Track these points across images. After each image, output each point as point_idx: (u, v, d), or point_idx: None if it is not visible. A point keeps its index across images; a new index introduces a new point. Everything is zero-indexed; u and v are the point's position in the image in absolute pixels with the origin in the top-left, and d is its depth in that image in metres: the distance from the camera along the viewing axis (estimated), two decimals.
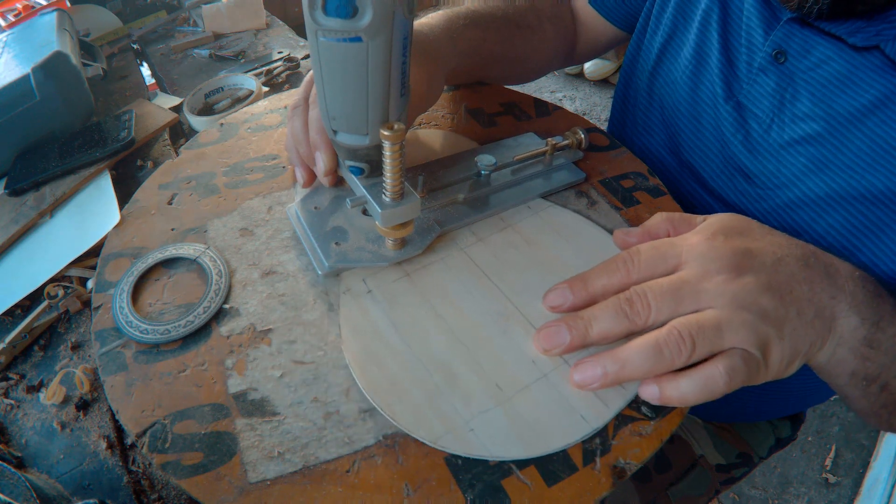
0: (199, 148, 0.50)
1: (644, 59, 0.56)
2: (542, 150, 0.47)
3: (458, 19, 0.51)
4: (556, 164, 0.47)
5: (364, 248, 0.39)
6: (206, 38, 0.98)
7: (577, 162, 0.48)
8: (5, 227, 0.54)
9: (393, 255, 0.39)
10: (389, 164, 0.33)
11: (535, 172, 0.46)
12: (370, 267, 0.39)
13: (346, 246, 0.39)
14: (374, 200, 0.36)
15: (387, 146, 0.32)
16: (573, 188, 0.47)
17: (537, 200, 0.45)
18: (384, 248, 0.39)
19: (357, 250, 0.39)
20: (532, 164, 0.47)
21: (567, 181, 0.46)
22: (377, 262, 0.38)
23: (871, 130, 0.39)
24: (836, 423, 1.24)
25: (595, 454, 0.31)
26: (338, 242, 0.39)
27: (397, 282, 0.38)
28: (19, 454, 0.40)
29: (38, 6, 0.95)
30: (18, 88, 0.60)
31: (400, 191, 0.35)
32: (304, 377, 0.33)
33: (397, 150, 0.32)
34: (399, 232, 0.37)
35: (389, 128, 0.31)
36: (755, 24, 0.45)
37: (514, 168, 0.46)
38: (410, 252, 0.39)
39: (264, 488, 0.29)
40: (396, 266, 0.39)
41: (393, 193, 0.35)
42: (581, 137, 0.47)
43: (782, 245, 0.33)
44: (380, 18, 0.28)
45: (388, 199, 0.35)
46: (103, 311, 0.37)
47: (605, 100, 2.18)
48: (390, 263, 0.39)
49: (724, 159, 0.49)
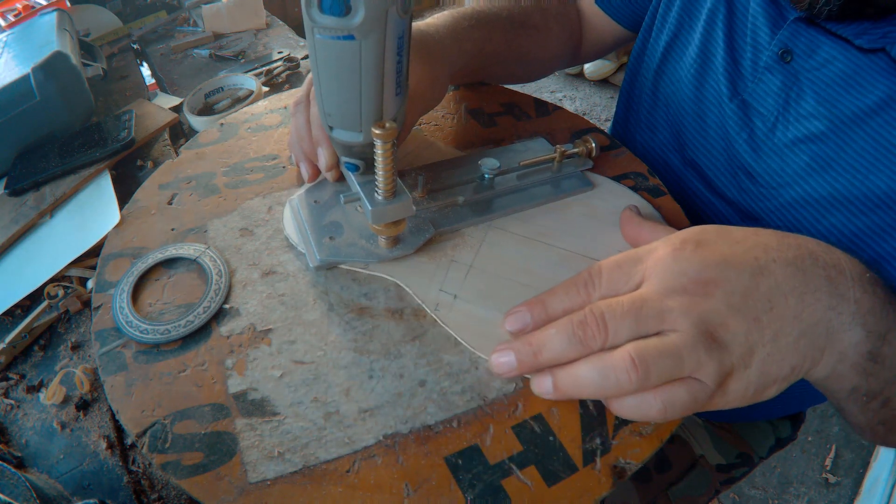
0: (199, 148, 0.50)
1: (649, 57, 0.56)
2: (550, 157, 0.46)
3: (464, 20, 0.51)
4: (565, 171, 0.46)
5: (357, 244, 0.39)
6: (206, 38, 0.98)
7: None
8: (5, 227, 0.54)
9: (385, 253, 0.39)
10: (381, 162, 0.33)
11: (542, 179, 0.45)
12: (422, 276, 0.39)
13: (340, 241, 0.39)
14: (366, 198, 0.36)
15: (378, 144, 0.32)
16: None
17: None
18: (377, 245, 0.39)
19: (349, 246, 0.39)
20: (539, 170, 0.46)
21: (574, 190, 0.45)
22: (368, 258, 0.39)
23: (874, 132, 0.39)
24: (836, 423, 1.24)
25: (595, 454, 0.31)
26: (332, 237, 0.40)
27: (468, 277, 0.39)
28: (19, 454, 0.40)
29: (38, 6, 0.95)
30: (18, 88, 0.60)
31: (392, 189, 0.35)
32: (304, 377, 0.33)
33: (389, 149, 0.33)
34: (390, 230, 0.37)
35: (381, 126, 0.31)
36: (761, 24, 0.45)
37: (519, 174, 0.46)
38: (403, 251, 0.39)
39: (264, 488, 0.29)
40: (450, 265, 0.40)
41: (385, 192, 0.35)
42: (592, 146, 0.46)
43: (769, 248, 0.29)
44: (372, 17, 0.28)
45: (381, 197, 0.35)
46: (103, 311, 0.37)
47: (605, 100, 2.18)
48: (381, 261, 0.39)
49: (729, 157, 0.49)
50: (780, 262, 0.28)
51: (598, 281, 0.30)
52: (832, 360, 0.29)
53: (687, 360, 0.26)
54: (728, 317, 0.27)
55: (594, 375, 0.27)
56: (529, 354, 0.29)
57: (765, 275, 0.28)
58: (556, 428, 0.32)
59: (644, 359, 0.26)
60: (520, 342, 0.30)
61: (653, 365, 0.26)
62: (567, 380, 0.28)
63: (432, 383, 0.34)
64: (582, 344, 0.28)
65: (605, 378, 0.27)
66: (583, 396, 0.29)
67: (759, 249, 0.29)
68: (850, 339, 0.28)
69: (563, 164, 0.46)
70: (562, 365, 0.29)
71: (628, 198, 0.45)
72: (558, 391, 0.29)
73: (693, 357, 0.26)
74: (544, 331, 0.29)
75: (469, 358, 0.35)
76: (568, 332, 0.28)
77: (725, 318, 0.27)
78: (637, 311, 0.27)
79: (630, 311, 0.27)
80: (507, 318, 0.32)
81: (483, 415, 0.32)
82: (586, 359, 0.28)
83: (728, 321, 0.27)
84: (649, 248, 0.31)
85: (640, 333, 0.27)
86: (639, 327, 0.27)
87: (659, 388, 0.27)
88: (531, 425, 0.32)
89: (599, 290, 0.30)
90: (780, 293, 0.28)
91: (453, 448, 0.31)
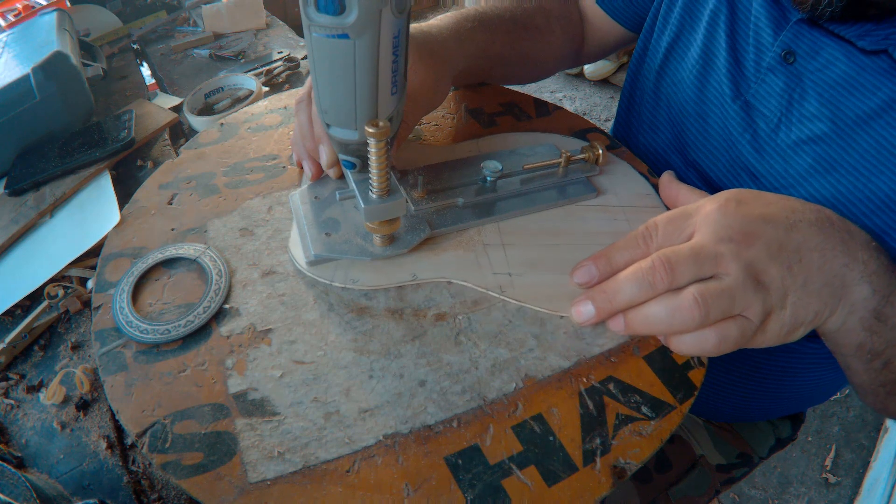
0: (199, 148, 0.50)
1: (651, 58, 0.56)
2: (555, 162, 0.45)
3: (467, 21, 0.51)
4: (570, 177, 0.46)
5: (352, 241, 0.39)
6: (206, 38, 0.98)
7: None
8: (5, 227, 0.54)
9: (379, 252, 0.39)
10: (375, 160, 0.33)
11: (547, 184, 0.45)
12: (469, 267, 0.40)
13: (336, 237, 0.39)
14: (360, 195, 0.36)
15: (372, 143, 0.32)
16: None
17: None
18: (371, 243, 0.39)
19: (344, 243, 0.39)
20: (543, 174, 0.46)
21: (577, 196, 0.45)
22: (362, 256, 0.39)
23: (877, 133, 0.39)
24: (836, 423, 1.24)
25: (595, 454, 0.31)
26: (328, 233, 0.40)
27: (507, 254, 0.41)
28: (19, 454, 0.40)
29: (38, 6, 0.95)
30: (18, 88, 0.60)
31: (386, 188, 0.35)
32: (304, 377, 0.33)
33: (382, 147, 0.33)
34: (384, 228, 0.38)
35: (374, 125, 0.32)
36: (764, 25, 0.45)
37: (524, 177, 0.45)
38: (397, 249, 0.39)
39: (264, 488, 0.29)
40: (485, 249, 0.41)
41: (379, 190, 0.35)
42: (599, 153, 0.46)
43: (796, 209, 0.34)
44: (366, 16, 0.29)
45: (375, 195, 0.36)
46: (103, 311, 0.37)
47: (605, 100, 2.18)
48: (373, 259, 0.39)
49: (731, 159, 0.49)
50: (805, 222, 0.33)
51: (655, 234, 0.34)
52: (844, 312, 0.33)
53: (739, 299, 0.30)
54: (768, 264, 0.31)
55: (663, 314, 0.31)
56: (606, 301, 0.33)
57: (795, 231, 0.32)
58: (556, 428, 0.32)
59: (705, 298, 0.30)
60: (595, 291, 0.34)
61: (712, 304, 0.30)
62: (638, 319, 0.32)
63: (432, 383, 0.34)
64: (651, 287, 0.31)
65: (672, 316, 0.31)
66: (651, 333, 0.33)
67: (788, 210, 0.33)
68: (859, 293, 0.33)
69: (568, 169, 0.46)
70: (633, 307, 0.33)
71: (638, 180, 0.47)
72: (630, 328, 0.33)
73: (744, 297, 0.30)
74: (616, 279, 0.33)
75: (469, 358, 0.35)
76: (638, 277, 0.32)
77: (766, 265, 0.31)
78: (696, 256, 0.31)
79: (691, 256, 0.31)
80: (575, 272, 0.36)
81: (483, 415, 0.32)
82: (655, 299, 0.32)
83: (768, 268, 0.31)
84: (696, 205, 0.34)
85: (699, 276, 0.31)
86: (699, 270, 0.31)
87: (715, 324, 0.31)
88: (531, 425, 0.32)
89: (657, 241, 0.34)
90: (806, 248, 0.32)
91: (453, 448, 0.31)
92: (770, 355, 0.54)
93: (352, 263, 0.39)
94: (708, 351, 0.31)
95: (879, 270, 0.33)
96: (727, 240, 0.31)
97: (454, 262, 0.40)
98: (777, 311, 0.31)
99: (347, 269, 0.39)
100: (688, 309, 0.30)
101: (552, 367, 0.35)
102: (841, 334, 0.34)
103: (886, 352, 0.34)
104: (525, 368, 0.34)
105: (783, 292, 0.31)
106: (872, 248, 0.34)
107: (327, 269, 0.39)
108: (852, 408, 1.26)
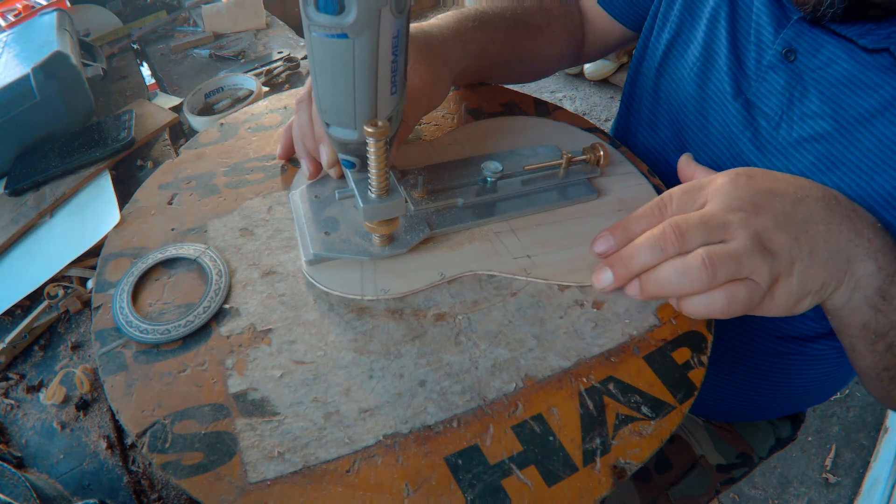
0: (199, 148, 0.50)
1: (650, 56, 0.56)
2: (556, 163, 0.45)
3: (468, 21, 0.51)
4: (572, 178, 0.46)
5: (351, 240, 0.39)
6: (206, 38, 0.98)
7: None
8: (5, 227, 0.54)
9: (378, 251, 0.39)
10: (374, 160, 0.33)
11: (548, 185, 0.45)
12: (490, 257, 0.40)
13: (335, 236, 0.39)
14: (359, 195, 0.36)
15: (371, 143, 0.32)
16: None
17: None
18: (370, 242, 0.39)
19: (343, 242, 0.39)
20: (544, 176, 0.46)
21: (578, 197, 0.45)
22: (361, 255, 0.39)
23: (879, 131, 0.39)
24: (836, 423, 1.24)
25: (595, 454, 0.31)
26: (328, 232, 0.40)
27: (520, 238, 0.42)
28: (19, 454, 0.40)
29: (38, 6, 0.95)
30: (18, 88, 0.60)
31: (385, 187, 0.35)
32: (304, 377, 0.33)
33: (381, 147, 0.33)
34: (384, 228, 0.38)
35: (373, 125, 0.32)
36: (765, 23, 0.45)
37: (524, 178, 0.45)
38: (396, 249, 0.39)
39: (264, 488, 0.29)
40: (498, 237, 0.42)
41: (378, 190, 0.35)
42: (601, 154, 0.45)
43: (804, 186, 0.35)
44: (365, 16, 0.29)
45: (374, 195, 0.36)
46: (103, 311, 0.37)
47: (605, 100, 2.18)
48: (372, 259, 0.39)
49: (732, 156, 0.49)
50: (811, 197, 0.34)
51: (670, 204, 0.35)
52: (850, 288, 0.34)
53: (745, 262, 0.31)
54: (775, 232, 0.32)
55: (673, 275, 0.33)
56: (622, 267, 0.35)
57: (801, 205, 0.34)
58: (556, 428, 0.32)
59: (713, 260, 0.31)
60: (612, 259, 0.36)
61: (719, 265, 0.31)
62: (651, 281, 0.34)
63: (432, 383, 0.34)
64: (662, 251, 0.33)
65: (682, 277, 0.32)
66: (663, 295, 0.34)
67: (796, 186, 0.35)
68: (864, 269, 0.34)
69: (569, 170, 0.46)
70: (646, 271, 0.34)
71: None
72: (645, 292, 0.34)
73: (750, 260, 0.31)
74: (631, 245, 0.35)
75: (469, 358, 0.35)
76: (651, 243, 0.33)
77: (773, 234, 0.32)
78: (706, 223, 0.33)
79: (700, 223, 0.33)
80: (595, 242, 0.37)
81: (483, 415, 0.32)
82: (666, 262, 0.33)
83: (775, 236, 0.32)
84: (709, 178, 0.36)
85: (708, 241, 0.32)
86: (707, 235, 0.32)
87: (724, 285, 0.32)
88: (531, 425, 0.32)
89: (671, 211, 0.35)
90: (812, 221, 0.33)
91: (453, 448, 0.31)
92: (770, 355, 0.54)
93: (376, 274, 0.39)
94: (717, 312, 0.32)
95: (885, 249, 0.34)
96: (737, 209, 0.33)
97: (474, 254, 0.40)
98: (784, 277, 0.32)
99: (375, 281, 0.39)
100: (696, 269, 0.31)
101: (552, 367, 0.35)
102: (847, 311, 0.35)
103: (890, 333, 0.35)
104: (525, 368, 0.34)
105: (790, 260, 0.32)
106: (878, 227, 0.35)
107: (355, 284, 0.38)
108: (852, 408, 1.26)
